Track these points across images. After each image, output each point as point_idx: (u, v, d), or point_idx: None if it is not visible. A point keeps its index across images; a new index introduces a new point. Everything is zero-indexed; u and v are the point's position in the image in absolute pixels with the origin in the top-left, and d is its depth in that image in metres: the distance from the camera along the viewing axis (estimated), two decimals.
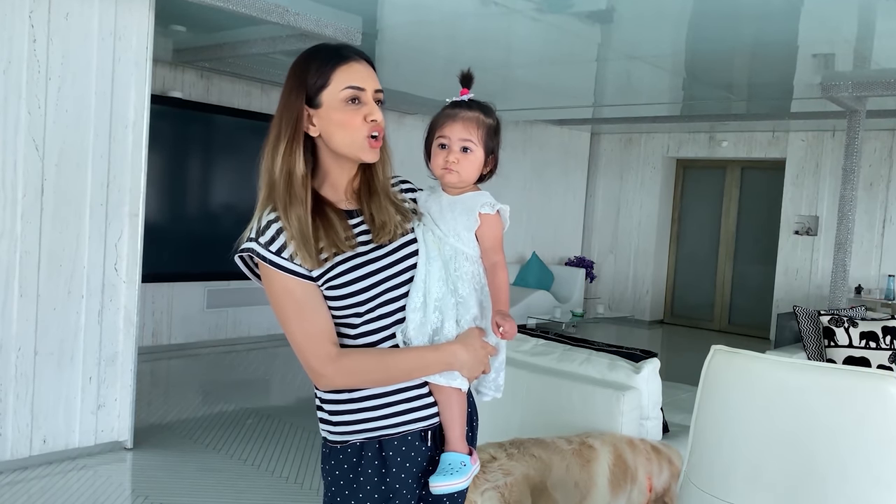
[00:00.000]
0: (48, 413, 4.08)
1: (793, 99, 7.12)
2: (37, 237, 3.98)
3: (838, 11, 4.30)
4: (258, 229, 1.54)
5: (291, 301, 1.53)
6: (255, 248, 1.53)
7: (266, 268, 1.54)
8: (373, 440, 1.58)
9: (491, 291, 1.65)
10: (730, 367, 2.11)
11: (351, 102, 1.55)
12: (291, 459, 4.36)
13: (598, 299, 10.53)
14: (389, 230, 1.59)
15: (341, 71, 1.54)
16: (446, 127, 1.68)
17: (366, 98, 1.56)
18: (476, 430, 1.78)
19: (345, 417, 1.59)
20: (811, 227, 9.04)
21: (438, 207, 1.67)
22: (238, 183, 7.19)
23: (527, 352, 3.46)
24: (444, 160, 1.66)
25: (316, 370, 1.54)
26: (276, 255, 1.52)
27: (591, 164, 10.89)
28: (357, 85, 1.55)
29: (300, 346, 1.54)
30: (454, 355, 1.58)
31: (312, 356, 1.53)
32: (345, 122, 1.55)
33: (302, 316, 1.53)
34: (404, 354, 1.57)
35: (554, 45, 5.46)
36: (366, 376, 1.56)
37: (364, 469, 1.57)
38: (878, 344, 4.66)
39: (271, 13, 4.50)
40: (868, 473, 1.85)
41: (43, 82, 3.94)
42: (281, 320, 1.56)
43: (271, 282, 1.54)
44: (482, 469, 2.34)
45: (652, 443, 2.91)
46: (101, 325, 4.24)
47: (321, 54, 1.57)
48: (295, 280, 1.53)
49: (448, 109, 1.70)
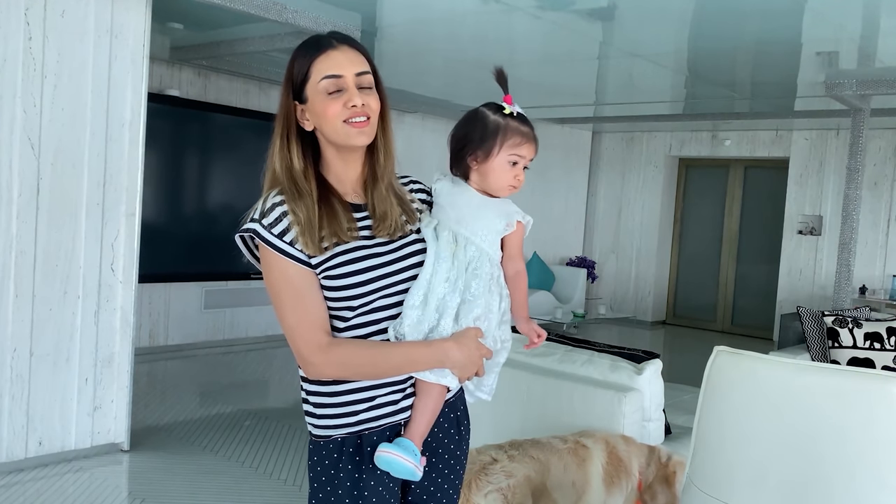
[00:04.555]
0: (44, 415, 4.04)
1: (796, 97, 7.10)
2: (32, 237, 3.95)
3: (842, 9, 4.26)
4: (262, 211, 1.55)
5: (288, 286, 1.53)
6: (258, 230, 1.54)
7: (266, 250, 1.54)
8: (353, 435, 1.57)
9: (515, 298, 1.69)
10: (733, 369, 2.09)
11: (332, 94, 1.54)
12: (289, 461, 4.33)
13: (600, 300, 10.50)
14: (389, 224, 1.59)
15: (318, 62, 1.55)
16: (524, 147, 1.68)
17: (345, 84, 1.54)
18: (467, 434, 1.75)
19: (328, 411, 1.58)
20: (815, 226, 9.00)
21: (468, 204, 1.67)
22: (236, 182, 7.16)
23: (527, 353, 3.44)
24: (515, 178, 1.69)
25: (305, 357, 1.54)
26: (278, 239, 1.53)
27: (593, 163, 10.86)
28: (333, 73, 1.54)
29: (292, 332, 1.54)
30: (446, 353, 1.56)
31: (303, 343, 1.53)
32: (325, 111, 1.54)
33: (297, 302, 1.53)
34: (395, 349, 1.56)
35: (555, 43, 5.43)
36: (355, 368, 1.56)
37: (344, 465, 1.57)
38: (882, 345, 4.61)
39: (269, 10, 4.48)
40: (874, 476, 1.83)
41: (38, 80, 3.91)
42: (276, 304, 1.56)
43: (270, 265, 1.54)
44: (484, 471, 2.35)
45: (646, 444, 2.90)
46: (97, 326, 4.21)
47: (302, 47, 1.59)
48: (294, 265, 1.53)
49: (521, 126, 1.69)
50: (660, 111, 8.47)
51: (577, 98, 7.87)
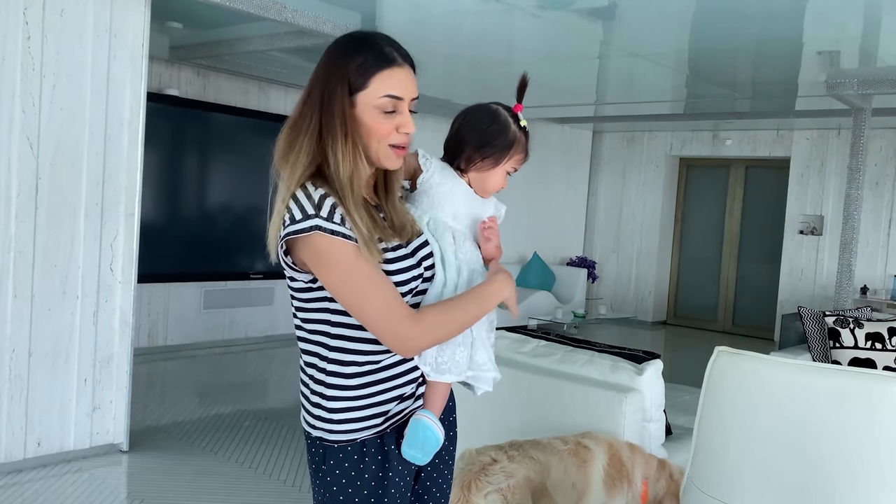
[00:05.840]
0: (42, 415, 4.03)
1: (797, 97, 7.08)
2: (31, 237, 3.94)
3: (844, 8, 4.25)
4: (314, 204, 1.46)
5: (365, 269, 1.47)
6: (320, 224, 1.45)
7: (333, 241, 1.45)
8: (376, 436, 1.56)
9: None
10: (734, 369, 2.08)
11: (386, 112, 1.50)
12: (289, 461, 4.31)
13: (600, 300, 10.49)
14: (409, 232, 1.58)
15: (383, 76, 1.49)
16: (522, 161, 1.74)
17: (401, 107, 1.51)
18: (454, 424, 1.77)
19: (353, 414, 1.55)
20: (816, 226, 8.98)
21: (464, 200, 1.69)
22: (235, 182, 7.15)
23: (528, 353, 3.43)
24: (503, 185, 1.75)
25: (403, 334, 1.48)
26: (342, 226, 1.46)
27: (593, 163, 10.85)
28: (396, 94, 1.50)
29: (383, 314, 1.47)
30: (501, 285, 1.61)
31: (398, 320, 1.48)
32: (375, 129, 1.51)
33: (377, 283, 1.48)
34: (464, 298, 1.57)
35: (555, 43, 5.41)
36: (446, 328, 1.54)
37: (367, 467, 1.55)
38: (883, 345, 4.60)
39: (269, 10, 4.47)
40: (875, 476, 1.82)
41: (37, 80, 3.90)
42: (354, 293, 1.47)
43: (339, 255, 1.46)
44: (484, 471, 2.35)
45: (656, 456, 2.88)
46: (96, 326, 4.20)
47: (365, 51, 1.50)
48: (360, 250, 1.47)
49: (527, 143, 1.74)
50: (660, 111, 8.45)
51: (578, 98, 7.86)
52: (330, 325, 1.55)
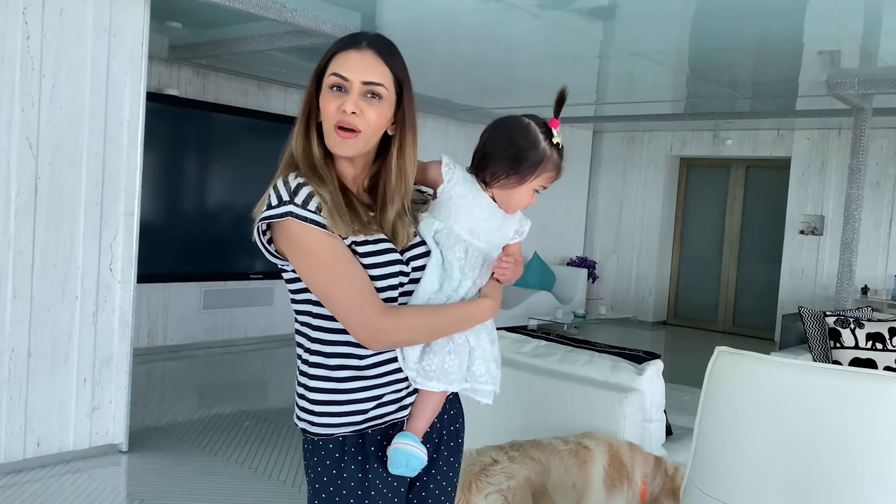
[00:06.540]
0: (42, 415, 4.03)
1: (798, 97, 7.08)
2: (30, 237, 3.93)
3: (844, 8, 4.24)
4: (290, 191, 1.46)
5: (339, 258, 1.46)
6: (293, 210, 1.45)
7: (307, 228, 1.45)
8: (356, 434, 1.55)
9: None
10: (734, 369, 2.07)
11: (334, 90, 1.51)
12: (289, 462, 4.31)
13: (601, 300, 10.48)
14: (402, 240, 1.56)
15: (337, 57, 1.52)
16: (553, 179, 1.67)
17: (349, 88, 1.50)
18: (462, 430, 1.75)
19: (332, 409, 1.54)
20: (817, 226, 8.98)
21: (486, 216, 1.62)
22: (235, 182, 7.14)
23: (528, 353, 3.42)
24: (530, 201, 1.67)
25: (375, 325, 1.47)
26: (317, 214, 1.45)
27: (594, 163, 10.84)
28: (340, 73, 1.50)
29: (354, 304, 1.46)
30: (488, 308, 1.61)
31: (370, 311, 1.46)
32: (323, 109, 1.52)
33: (351, 273, 1.47)
34: (447, 309, 1.56)
35: (555, 42, 5.41)
36: (422, 330, 1.53)
37: (347, 465, 1.54)
38: (884, 345, 4.59)
39: (268, 9, 4.46)
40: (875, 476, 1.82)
41: (37, 80, 3.90)
42: (327, 282, 1.47)
43: (313, 243, 1.46)
44: (485, 472, 2.35)
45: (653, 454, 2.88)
46: (95, 327, 4.19)
47: (337, 41, 1.56)
48: (336, 238, 1.47)
49: (560, 160, 1.66)
50: (661, 111, 8.45)
51: (578, 97, 7.85)
52: (312, 316, 1.55)
